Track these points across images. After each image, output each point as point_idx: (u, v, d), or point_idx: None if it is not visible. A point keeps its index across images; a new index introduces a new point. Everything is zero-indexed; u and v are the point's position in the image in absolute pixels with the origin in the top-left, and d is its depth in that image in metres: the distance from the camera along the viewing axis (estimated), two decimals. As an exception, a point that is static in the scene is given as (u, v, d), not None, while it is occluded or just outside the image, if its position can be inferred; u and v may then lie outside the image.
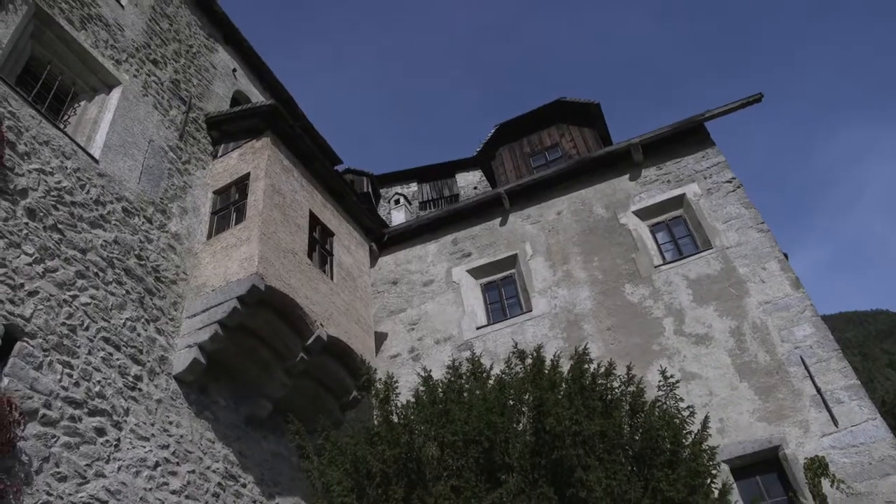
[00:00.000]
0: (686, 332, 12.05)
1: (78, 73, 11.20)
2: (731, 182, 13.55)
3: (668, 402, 8.25)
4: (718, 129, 74.68)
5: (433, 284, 15.18)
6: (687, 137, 14.57)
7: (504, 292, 14.69)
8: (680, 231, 13.76)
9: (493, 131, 18.43)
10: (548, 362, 8.65)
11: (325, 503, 7.95)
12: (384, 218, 18.81)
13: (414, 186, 21.66)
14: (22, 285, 8.08)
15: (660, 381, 8.41)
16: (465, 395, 8.58)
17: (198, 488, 9.31)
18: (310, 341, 11.13)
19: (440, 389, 8.75)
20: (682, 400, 8.38)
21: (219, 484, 9.71)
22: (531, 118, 18.06)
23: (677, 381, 8.59)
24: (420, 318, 14.74)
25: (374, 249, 15.83)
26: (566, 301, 13.45)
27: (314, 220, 13.06)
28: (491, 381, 8.79)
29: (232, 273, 10.63)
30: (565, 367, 8.72)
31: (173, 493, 8.92)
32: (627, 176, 14.71)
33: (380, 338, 14.45)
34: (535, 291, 13.94)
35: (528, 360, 8.82)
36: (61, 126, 10.20)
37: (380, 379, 8.90)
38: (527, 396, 8.28)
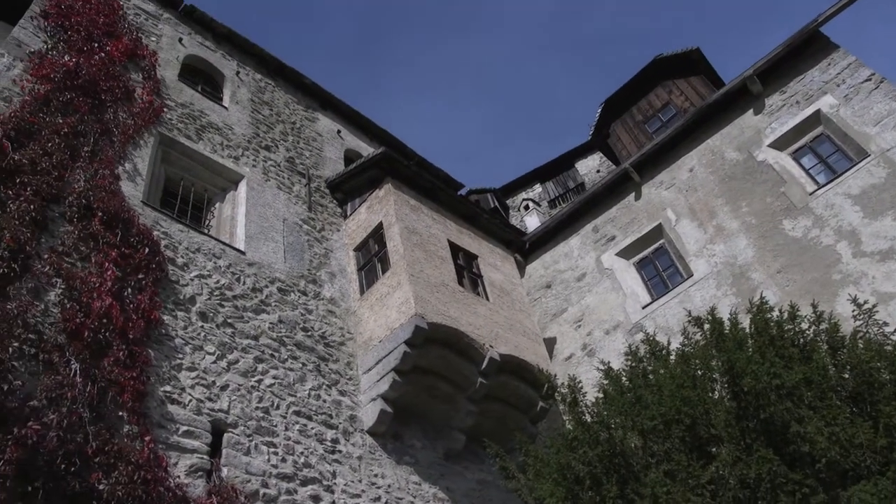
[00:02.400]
0: (867, 251, 11.15)
1: (206, 179, 12.01)
2: (870, 79, 12.50)
3: (870, 331, 7.62)
4: (838, 30, 69.07)
5: (586, 277, 14.94)
6: (804, 50, 13.60)
7: (659, 265, 14.23)
8: (826, 149, 12.82)
9: (599, 110, 18.07)
10: (726, 322, 8.25)
11: None
12: (519, 226, 18.78)
13: (538, 188, 21.53)
14: (214, 382, 8.69)
15: (853, 311, 7.79)
16: (651, 377, 8.34)
17: (419, 531, 9.56)
18: (484, 365, 11.22)
19: (624, 378, 8.56)
20: (886, 324, 7.74)
21: (436, 522, 9.93)
22: (634, 85, 17.55)
23: (874, 306, 7.93)
24: (583, 314, 14.53)
25: (519, 259, 15.81)
26: (725, 256, 12.84)
27: (455, 248, 13.23)
28: (672, 357, 8.49)
29: (393, 320, 10.93)
30: (745, 322, 8.29)
31: (398, 541, 9.20)
32: (751, 111, 13.92)
33: (549, 343, 14.35)
34: (690, 255, 13.41)
35: (706, 326, 8.45)
36: (206, 231, 10.98)
37: (562, 384, 8.82)
38: (714, 362, 7.93)
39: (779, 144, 13.28)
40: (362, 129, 17.33)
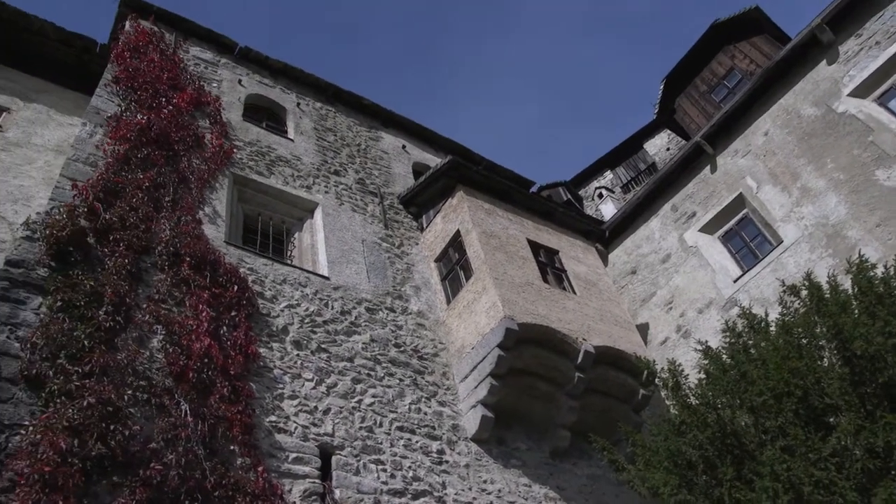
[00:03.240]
0: (971, 191, 10.50)
1: (283, 212, 12.32)
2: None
3: None
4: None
5: (671, 258, 14.61)
6: (879, -14, 12.78)
7: (745, 235, 13.79)
8: (917, 87, 12.07)
9: (661, 87, 17.69)
10: (825, 286, 7.91)
11: None
12: (595, 216, 18.54)
13: (608, 175, 21.20)
14: (316, 408, 8.89)
15: (965, 256, 7.34)
16: (753, 351, 8.08)
17: (535, 533, 9.50)
18: (579, 359, 11.09)
19: (725, 356, 8.32)
20: None
21: (551, 522, 9.85)
22: (694, 56, 17.10)
23: None
24: (673, 295, 14.20)
25: (601, 249, 15.60)
26: (816, 217, 12.31)
27: (534, 246, 13.16)
28: (773, 328, 8.20)
29: (483, 326, 10.94)
30: (846, 283, 7.94)
31: (516, 544, 9.16)
32: (824, 62, 13.29)
33: (642, 329, 14.10)
34: (777, 221, 12.93)
35: (803, 293, 8.12)
36: (289, 261, 11.27)
37: (661, 368, 8.64)
38: (818, 329, 7.61)
39: (860, 92, 12.61)
40: (426, 141, 17.47)
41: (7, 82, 13.63)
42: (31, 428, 6.30)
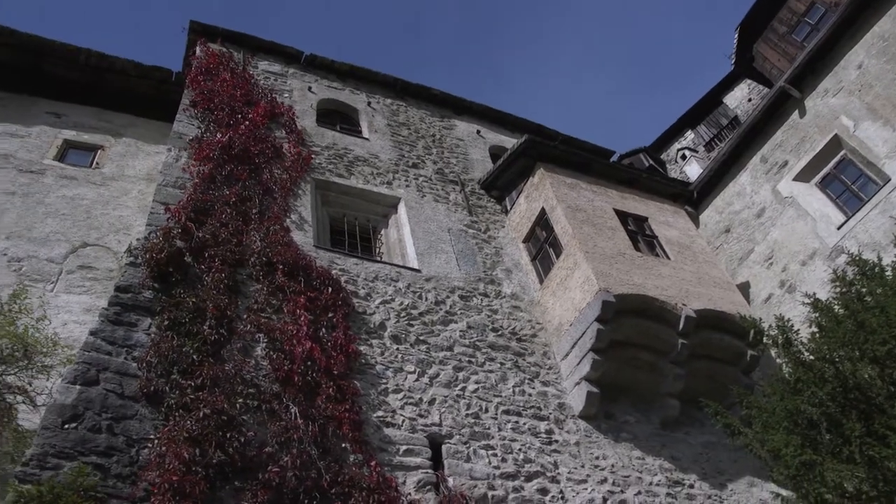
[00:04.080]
0: None
1: (366, 210, 12.49)
2: None
3: None
4: None
5: (766, 211, 14.01)
6: None
7: (846, 178, 13.06)
8: None
9: (736, 35, 16.97)
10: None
11: (782, 469, 7.43)
12: (680, 178, 17.98)
13: (690, 135, 20.51)
14: (421, 399, 8.98)
15: None
16: (869, 299, 7.63)
17: (653, 506, 9.30)
18: (681, 325, 10.78)
19: (837, 307, 7.89)
20: None
21: (668, 494, 9.59)
22: (767, -2, 16.29)
23: None
24: (772, 250, 13.62)
25: (690, 211, 15.12)
26: (924, 148, 11.50)
27: (622, 216, 12.87)
28: (889, 273, 7.72)
29: (578, 301, 10.79)
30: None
31: (635, 518, 8.99)
32: (920, -22, 12.29)
33: (743, 289, 13.58)
34: (881, 158, 12.17)
35: (920, 229, 7.60)
36: (378, 258, 11.42)
37: (768, 326, 8.28)
38: (942, 269, 7.11)
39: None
40: (499, 123, 17.33)
41: (98, 122, 14.37)
42: (156, 441, 6.66)
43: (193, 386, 7.26)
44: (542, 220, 12.65)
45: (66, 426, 6.50)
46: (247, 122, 11.98)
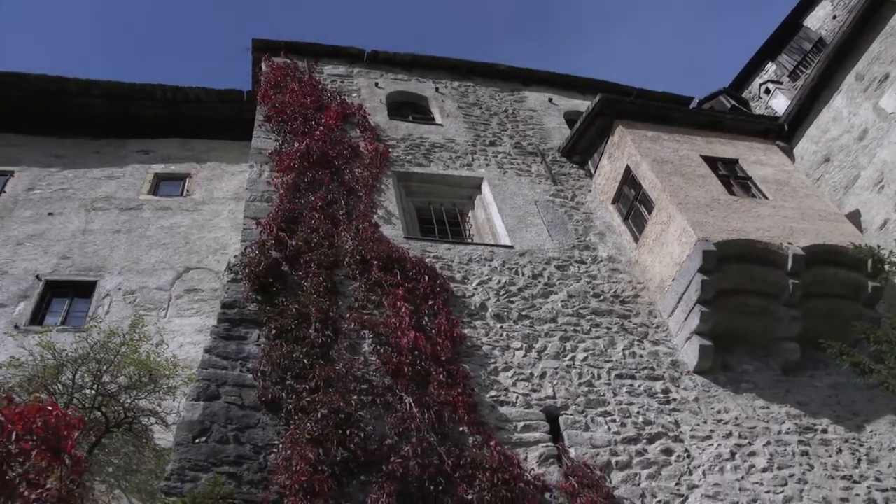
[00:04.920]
0: None
1: (450, 195, 12.52)
2: None
3: None
4: None
5: (868, 132, 13.15)
6: None
7: (960, 77, 12.08)
8: None
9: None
10: None
11: None
12: (768, 114, 17.14)
13: (771, 67, 19.44)
14: (531, 374, 8.92)
15: None
16: None
17: (783, 455, 8.88)
18: (789, 266, 10.28)
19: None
20: None
21: (799, 441, 9.16)
22: None
23: None
24: (882, 173, 12.75)
25: (783, 145, 14.39)
26: None
27: (710, 161, 12.39)
28: None
29: (678, 255, 10.46)
30: None
31: (764, 470, 8.62)
32: None
33: (853, 218, 12.80)
34: None
35: None
36: (470, 241, 11.43)
37: (890, 252, 7.78)
38: None
39: None
40: (570, 87, 16.99)
41: (183, 151, 15.01)
42: (280, 446, 6.88)
43: (308, 389, 7.46)
44: (629, 178, 12.33)
45: (197, 440, 6.82)
46: (321, 128, 12.18)
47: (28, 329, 10.68)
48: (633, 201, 12.20)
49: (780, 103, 17.18)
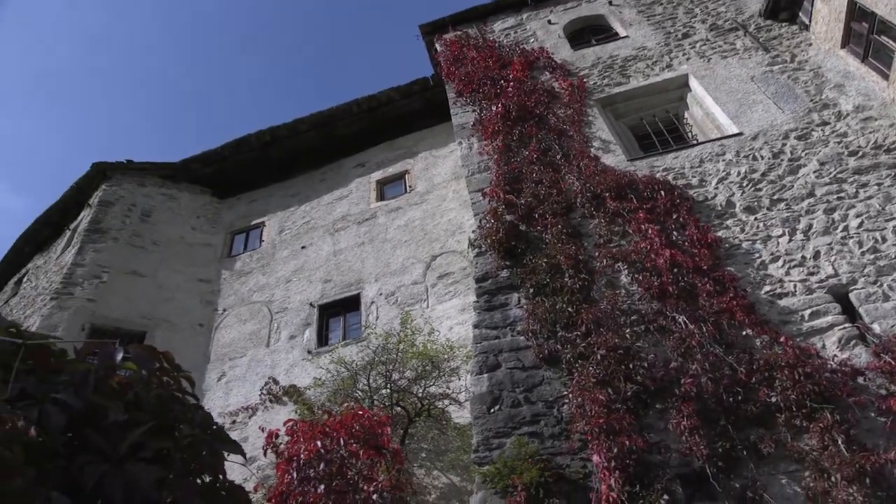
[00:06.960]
0: None
1: (659, 103, 12.00)
2: None
3: None
4: None
5: None
6: None
7: None
8: None
9: None
10: None
11: None
12: None
13: None
14: (803, 258, 8.24)
15: None
16: None
17: None
18: None
19: None
20: None
21: None
22: None
23: None
24: None
25: None
26: None
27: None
28: None
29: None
30: None
31: None
32: None
33: None
34: None
35: None
36: (695, 142, 10.84)
37: None
38: None
39: None
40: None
41: (393, 152, 15.85)
42: (570, 396, 7.05)
43: (580, 335, 7.57)
44: (856, 11, 10.89)
45: (492, 410, 7.22)
46: (511, 84, 12.20)
47: (319, 351, 11.99)
48: (867, 36, 10.76)
49: None
